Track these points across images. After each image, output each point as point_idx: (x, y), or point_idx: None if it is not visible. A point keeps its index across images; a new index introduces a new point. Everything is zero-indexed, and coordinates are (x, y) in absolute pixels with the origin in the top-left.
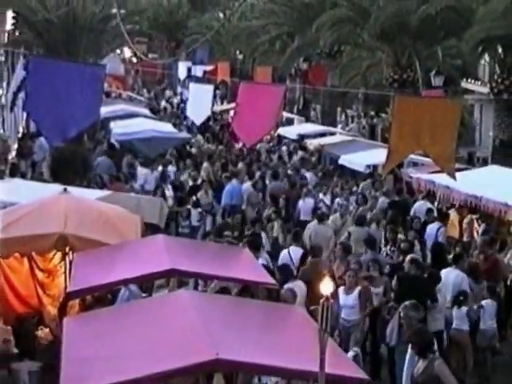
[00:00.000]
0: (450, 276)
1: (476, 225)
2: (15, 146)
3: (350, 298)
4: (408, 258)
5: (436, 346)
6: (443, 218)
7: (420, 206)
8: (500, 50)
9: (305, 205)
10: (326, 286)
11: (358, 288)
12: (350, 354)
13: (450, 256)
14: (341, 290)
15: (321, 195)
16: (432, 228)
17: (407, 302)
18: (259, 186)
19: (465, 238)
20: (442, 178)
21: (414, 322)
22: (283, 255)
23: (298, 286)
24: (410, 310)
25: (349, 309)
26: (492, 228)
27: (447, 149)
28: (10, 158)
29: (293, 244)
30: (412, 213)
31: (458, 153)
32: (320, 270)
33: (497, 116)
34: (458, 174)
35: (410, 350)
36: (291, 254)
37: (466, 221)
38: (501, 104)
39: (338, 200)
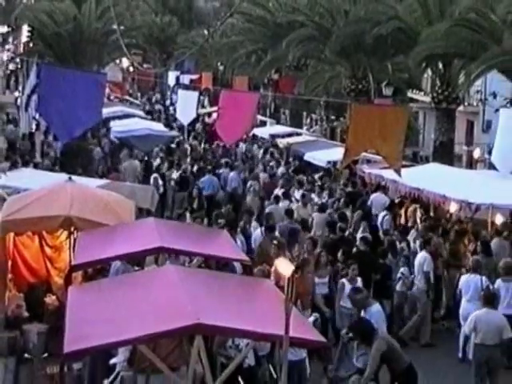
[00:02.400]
0: (418, 257)
1: (419, 213)
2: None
3: None
4: (359, 235)
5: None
6: (394, 207)
7: (376, 197)
8: (440, 66)
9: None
10: (284, 266)
11: (359, 278)
12: (311, 319)
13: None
14: (345, 281)
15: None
16: (380, 216)
17: (350, 290)
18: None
19: (410, 224)
20: (390, 173)
21: (358, 305)
22: (256, 235)
23: None
24: (355, 295)
25: None
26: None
27: (396, 149)
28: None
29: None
30: (369, 203)
31: (405, 152)
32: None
33: (437, 121)
34: (403, 170)
35: None
36: (263, 233)
37: (410, 209)
38: (441, 111)
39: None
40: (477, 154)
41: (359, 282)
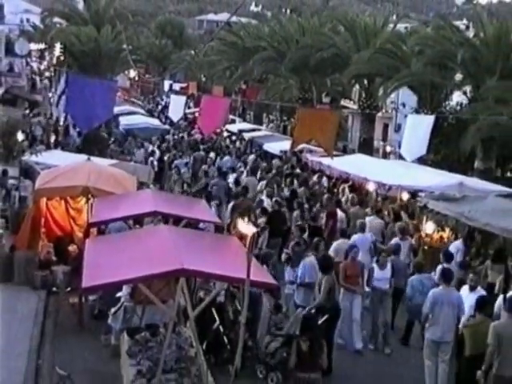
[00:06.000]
0: (374, 222)
1: (347, 191)
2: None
3: (386, 272)
4: (273, 199)
5: None
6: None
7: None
8: (365, 82)
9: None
10: (247, 226)
11: (389, 263)
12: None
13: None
14: (375, 265)
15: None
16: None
17: (293, 243)
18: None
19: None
20: (327, 160)
21: (297, 254)
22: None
23: None
24: (295, 247)
25: (385, 281)
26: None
27: (330, 142)
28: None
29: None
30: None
31: (337, 144)
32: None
33: (362, 123)
34: (336, 158)
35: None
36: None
37: (340, 188)
38: (364, 116)
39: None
40: (389, 148)
41: (388, 267)
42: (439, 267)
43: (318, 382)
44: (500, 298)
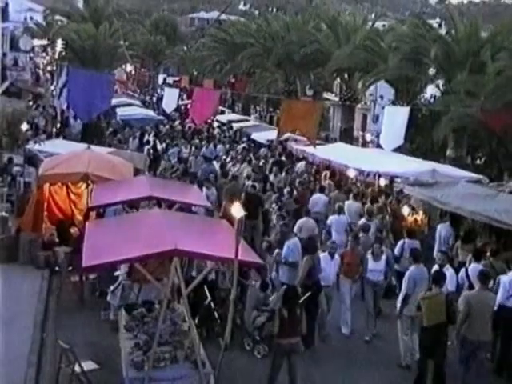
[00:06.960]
0: (353, 206)
1: (328, 176)
2: None
3: (380, 264)
4: (250, 183)
5: None
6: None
7: (301, 165)
8: (346, 76)
9: None
10: (237, 210)
11: (384, 256)
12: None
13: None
14: (369, 256)
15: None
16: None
17: (281, 223)
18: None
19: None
20: (310, 149)
21: (283, 234)
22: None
23: None
24: (283, 227)
25: (378, 272)
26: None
27: (313, 131)
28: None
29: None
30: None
31: (319, 134)
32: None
33: (342, 114)
34: (318, 147)
35: None
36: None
37: (323, 174)
38: (345, 107)
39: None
40: (368, 137)
41: (383, 258)
42: (400, 242)
43: (297, 346)
44: (462, 271)
